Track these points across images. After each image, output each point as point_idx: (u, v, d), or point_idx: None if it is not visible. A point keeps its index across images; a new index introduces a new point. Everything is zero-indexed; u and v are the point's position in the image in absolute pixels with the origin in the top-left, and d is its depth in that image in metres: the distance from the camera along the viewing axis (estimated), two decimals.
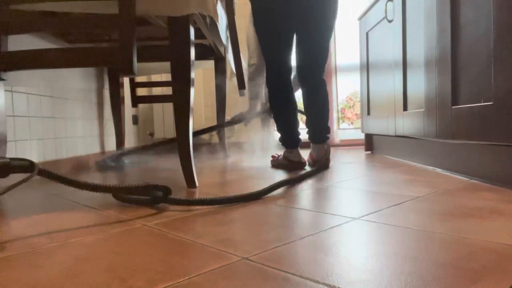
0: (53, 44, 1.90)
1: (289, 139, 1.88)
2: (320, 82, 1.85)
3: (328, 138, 1.88)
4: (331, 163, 1.95)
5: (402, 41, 1.84)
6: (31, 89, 1.72)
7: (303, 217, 0.89)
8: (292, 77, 1.93)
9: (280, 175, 1.62)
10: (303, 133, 1.92)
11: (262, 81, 2.43)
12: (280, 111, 1.90)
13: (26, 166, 0.90)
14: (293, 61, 1.89)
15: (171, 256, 0.64)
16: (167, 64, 1.35)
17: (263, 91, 2.53)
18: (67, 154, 2.02)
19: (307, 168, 1.81)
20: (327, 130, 1.88)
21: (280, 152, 1.98)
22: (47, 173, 0.92)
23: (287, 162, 1.84)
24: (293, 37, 1.84)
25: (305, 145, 1.95)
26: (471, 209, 0.89)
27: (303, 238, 0.71)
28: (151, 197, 1.03)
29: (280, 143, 1.92)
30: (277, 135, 1.97)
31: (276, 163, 1.92)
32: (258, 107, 2.58)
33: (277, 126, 1.94)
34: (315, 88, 1.86)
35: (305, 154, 1.91)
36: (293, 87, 1.93)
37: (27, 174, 0.86)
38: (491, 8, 1.13)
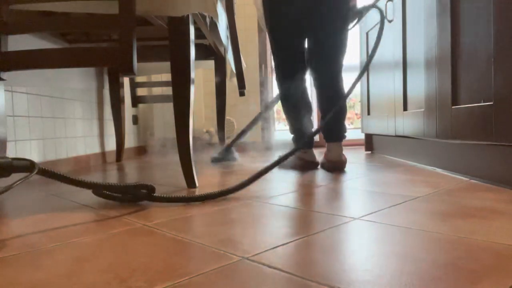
0: (53, 44, 1.90)
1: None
2: (333, 74, 1.75)
3: (345, 137, 1.78)
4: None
5: (402, 41, 1.84)
6: (31, 89, 1.72)
7: (303, 217, 0.89)
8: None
9: (282, 176, 1.62)
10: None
11: None
12: (295, 108, 1.79)
13: (28, 166, 0.91)
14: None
15: (171, 256, 0.64)
16: (167, 64, 1.35)
17: None
18: (67, 154, 2.02)
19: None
20: (343, 128, 1.79)
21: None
22: (48, 172, 0.92)
23: (301, 162, 1.81)
24: (307, 25, 1.73)
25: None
26: (471, 209, 0.89)
27: (303, 238, 0.71)
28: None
29: (294, 143, 1.85)
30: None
31: (286, 164, 1.88)
32: None
33: (291, 126, 1.86)
34: (328, 81, 1.75)
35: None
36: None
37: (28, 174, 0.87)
38: (491, 8, 1.13)
